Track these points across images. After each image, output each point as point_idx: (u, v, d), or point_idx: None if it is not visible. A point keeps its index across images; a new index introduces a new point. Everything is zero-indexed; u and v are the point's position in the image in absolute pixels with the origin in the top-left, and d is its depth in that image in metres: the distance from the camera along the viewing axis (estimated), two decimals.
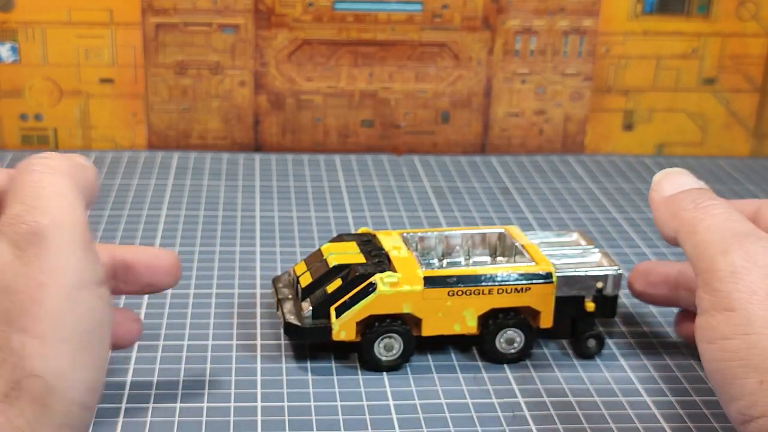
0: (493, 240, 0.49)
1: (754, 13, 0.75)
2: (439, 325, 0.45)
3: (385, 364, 0.45)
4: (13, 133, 0.74)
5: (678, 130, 0.78)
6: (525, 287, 0.45)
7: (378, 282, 0.44)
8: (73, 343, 0.31)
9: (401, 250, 0.47)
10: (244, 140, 0.75)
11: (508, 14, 0.74)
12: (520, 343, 0.46)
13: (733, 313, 0.35)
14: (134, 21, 0.72)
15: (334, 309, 0.44)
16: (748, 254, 0.36)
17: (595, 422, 0.42)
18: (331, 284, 0.45)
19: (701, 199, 0.40)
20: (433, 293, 0.44)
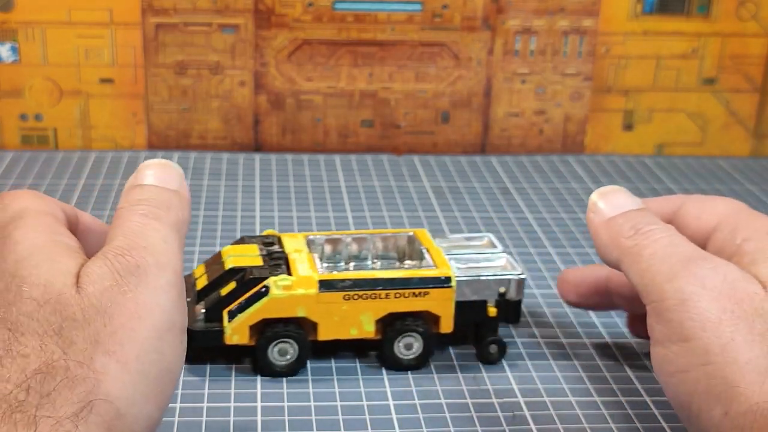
0: (402, 243, 0.48)
1: (754, 13, 0.75)
2: (336, 329, 0.44)
3: (279, 368, 0.44)
4: (13, 133, 0.74)
5: (678, 130, 0.78)
6: (423, 291, 0.44)
7: (271, 285, 0.43)
8: (150, 379, 0.32)
9: (302, 253, 0.46)
10: (244, 140, 0.75)
11: (508, 14, 0.74)
12: (419, 348, 0.45)
13: (688, 343, 0.35)
14: (134, 21, 0.72)
15: (226, 312, 0.43)
16: (696, 278, 0.35)
17: (595, 422, 0.42)
18: (226, 287, 0.44)
19: (641, 223, 0.39)
20: (328, 297, 0.43)
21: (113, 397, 0.30)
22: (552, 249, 0.59)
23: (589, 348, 0.48)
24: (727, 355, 0.34)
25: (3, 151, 0.73)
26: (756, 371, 0.33)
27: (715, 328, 0.34)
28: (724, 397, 0.33)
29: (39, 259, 0.33)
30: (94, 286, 0.32)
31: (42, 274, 0.32)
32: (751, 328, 0.34)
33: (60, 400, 0.29)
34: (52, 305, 0.32)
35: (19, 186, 0.66)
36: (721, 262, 0.36)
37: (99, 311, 0.32)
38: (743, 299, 0.35)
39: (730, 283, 0.35)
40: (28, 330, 0.31)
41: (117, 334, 0.31)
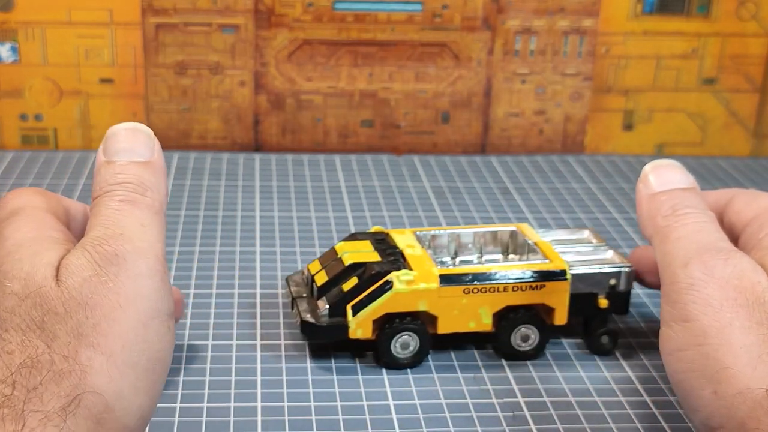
0: (505, 238, 0.50)
1: (754, 13, 0.75)
2: (455, 322, 0.45)
3: (402, 361, 0.45)
4: (13, 133, 0.74)
5: (678, 130, 0.78)
6: (539, 284, 0.45)
7: (394, 280, 0.44)
8: (138, 369, 0.31)
9: (415, 249, 0.47)
10: (244, 140, 0.75)
11: (508, 14, 0.74)
12: (534, 340, 0.46)
13: (688, 323, 0.36)
14: (134, 21, 0.72)
15: (350, 307, 0.44)
16: (706, 267, 0.37)
17: (595, 422, 0.42)
18: (347, 282, 0.45)
19: (681, 204, 0.40)
20: (449, 291, 0.44)
21: (101, 389, 0.30)
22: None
23: None
24: (723, 338, 0.35)
25: (3, 151, 0.73)
26: (749, 356, 0.34)
27: (716, 313, 0.35)
28: (716, 377, 0.34)
29: (22, 253, 0.33)
30: (74, 277, 0.32)
31: (24, 268, 0.32)
32: (750, 316, 0.35)
33: (47, 395, 0.29)
34: (33, 299, 0.31)
35: (19, 186, 0.66)
36: (735, 254, 0.37)
37: (80, 303, 0.31)
38: (747, 288, 0.36)
39: (738, 273, 0.36)
40: (11, 326, 0.31)
41: (100, 326, 0.31)
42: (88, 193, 0.65)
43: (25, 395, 0.29)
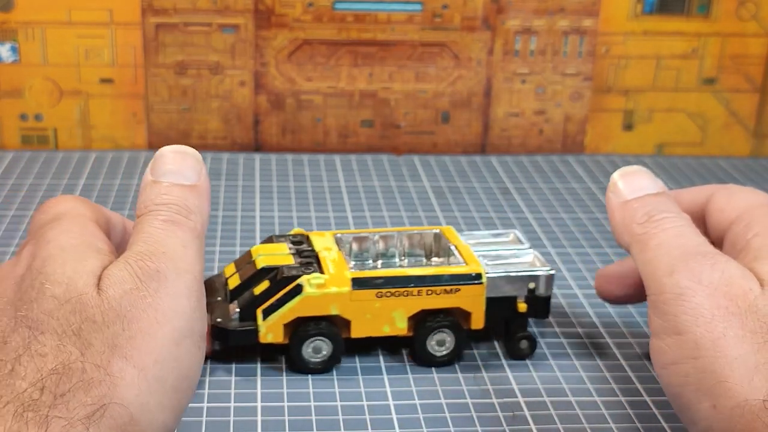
0: (428, 241, 0.49)
1: (754, 13, 0.75)
2: (368, 326, 0.44)
3: (313, 366, 0.44)
4: (13, 133, 0.74)
5: (678, 130, 0.78)
6: (454, 288, 0.44)
7: (305, 283, 0.43)
8: (167, 385, 0.32)
9: (332, 251, 0.46)
10: (244, 140, 0.75)
11: (508, 14, 0.74)
12: (450, 344, 0.45)
13: (680, 336, 0.35)
14: (134, 21, 0.72)
15: (260, 311, 0.43)
16: (693, 274, 0.36)
17: (595, 422, 0.42)
18: (259, 286, 0.44)
19: (655, 210, 0.39)
20: (361, 295, 0.44)
21: (128, 402, 0.30)
22: (552, 249, 0.59)
23: (588, 348, 0.48)
24: (718, 351, 0.34)
25: (3, 151, 0.73)
26: (745, 367, 0.33)
27: (708, 324, 0.35)
28: (713, 391, 0.34)
29: (65, 258, 0.33)
30: (115, 289, 0.32)
31: (66, 273, 0.32)
32: (743, 325, 0.34)
33: (74, 402, 0.29)
34: (72, 305, 0.31)
35: (19, 186, 0.66)
36: (721, 259, 0.37)
37: (118, 315, 0.31)
38: (738, 296, 0.35)
39: (727, 280, 0.36)
40: (47, 329, 0.31)
41: (135, 339, 0.31)
42: (88, 193, 0.65)
43: (52, 401, 0.29)
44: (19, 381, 0.30)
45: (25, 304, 0.32)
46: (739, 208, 0.41)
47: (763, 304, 0.35)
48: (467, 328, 0.45)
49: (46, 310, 0.31)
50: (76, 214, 0.36)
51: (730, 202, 0.41)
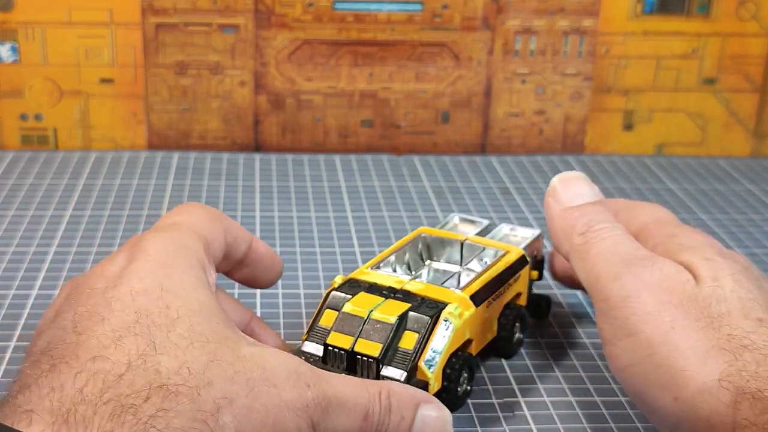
0: (419, 245, 0.47)
1: (754, 13, 0.75)
2: (481, 339, 0.43)
3: (462, 398, 0.42)
4: (13, 133, 0.74)
5: (678, 130, 0.78)
6: (519, 275, 0.45)
7: (450, 318, 0.40)
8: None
9: (407, 282, 0.42)
10: (244, 140, 0.75)
11: (508, 14, 0.74)
12: (519, 327, 0.46)
13: (633, 338, 0.36)
14: (134, 21, 0.72)
15: (423, 363, 0.39)
16: (635, 276, 0.37)
17: (595, 422, 0.42)
18: (404, 340, 0.39)
19: (594, 220, 0.41)
20: (480, 310, 0.42)
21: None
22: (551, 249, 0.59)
23: (589, 348, 0.48)
24: (669, 344, 0.35)
25: (3, 151, 0.73)
26: (697, 354, 0.35)
27: (655, 320, 0.36)
28: (672, 383, 0.35)
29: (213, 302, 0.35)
30: (258, 354, 0.33)
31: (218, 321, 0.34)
32: (687, 315, 0.36)
33: (175, 422, 0.30)
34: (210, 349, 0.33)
35: (19, 186, 0.66)
36: (658, 259, 0.38)
37: (248, 380, 0.32)
38: (676, 289, 0.37)
39: (666, 276, 0.37)
40: (169, 352, 0.32)
41: (251, 410, 0.31)
42: (88, 194, 0.65)
43: (154, 412, 0.30)
44: (125, 386, 0.30)
45: (150, 327, 0.33)
46: (638, 224, 0.43)
47: (699, 290, 0.36)
48: None
49: (176, 340, 0.32)
50: (185, 229, 0.38)
51: (632, 219, 0.43)
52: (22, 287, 0.52)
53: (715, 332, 0.35)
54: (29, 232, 0.59)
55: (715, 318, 0.35)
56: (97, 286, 0.35)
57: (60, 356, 0.31)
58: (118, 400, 0.30)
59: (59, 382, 0.30)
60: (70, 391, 0.30)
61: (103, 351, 0.31)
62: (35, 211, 0.62)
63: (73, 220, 0.61)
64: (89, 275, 0.36)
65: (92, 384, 0.30)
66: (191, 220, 0.39)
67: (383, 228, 0.61)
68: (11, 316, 0.49)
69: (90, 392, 0.30)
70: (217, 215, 0.41)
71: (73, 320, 0.33)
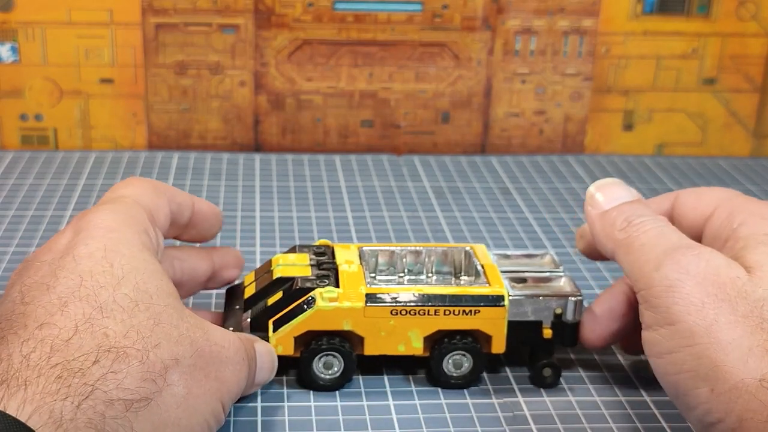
0: (458, 258, 0.47)
1: (754, 13, 0.75)
2: (383, 344, 0.43)
3: (323, 382, 0.43)
4: (13, 133, 0.74)
5: (678, 130, 0.78)
6: (474, 309, 0.42)
7: (317, 296, 0.42)
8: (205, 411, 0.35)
9: (352, 265, 0.44)
10: (244, 140, 0.75)
11: (508, 14, 0.74)
12: (468, 367, 0.43)
13: (674, 326, 0.36)
14: (134, 21, 0.72)
15: (272, 322, 0.42)
16: (680, 266, 0.37)
17: (595, 422, 0.42)
18: (273, 297, 0.43)
19: (633, 215, 0.41)
20: (375, 311, 0.42)
21: (167, 408, 0.32)
22: (552, 249, 0.59)
23: None
24: (712, 336, 0.35)
25: (3, 151, 0.73)
26: (739, 350, 0.34)
27: (699, 311, 0.36)
28: (710, 375, 0.35)
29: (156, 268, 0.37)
30: (199, 323, 0.36)
31: (162, 281, 0.36)
32: (734, 310, 0.35)
33: (124, 383, 0.31)
34: (152, 311, 0.34)
35: (19, 186, 0.66)
36: (705, 250, 0.38)
37: (192, 341, 0.35)
38: (726, 283, 0.36)
39: (714, 269, 0.37)
40: (115, 316, 0.33)
41: (195, 368, 0.34)
42: (88, 193, 0.65)
43: (102, 374, 0.31)
44: (73, 350, 0.31)
45: (93, 290, 0.34)
46: (713, 202, 0.42)
47: (752, 289, 0.36)
48: (487, 352, 0.43)
49: (122, 302, 0.33)
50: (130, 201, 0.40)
51: (702, 200, 0.43)
52: None
53: (764, 333, 0.34)
54: (29, 232, 0.59)
55: (767, 320, 0.35)
56: (44, 259, 0.36)
57: (8, 327, 0.32)
58: (66, 364, 0.30)
59: (7, 353, 0.31)
60: (16, 358, 0.31)
61: (50, 318, 0.32)
62: (35, 211, 0.62)
63: None
64: (38, 251, 0.38)
65: (39, 350, 0.31)
66: (135, 192, 0.41)
67: (383, 228, 0.61)
68: None
69: (36, 358, 0.31)
70: (159, 186, 0.42)
71: (20, 292, 0.34)
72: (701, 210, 0.42)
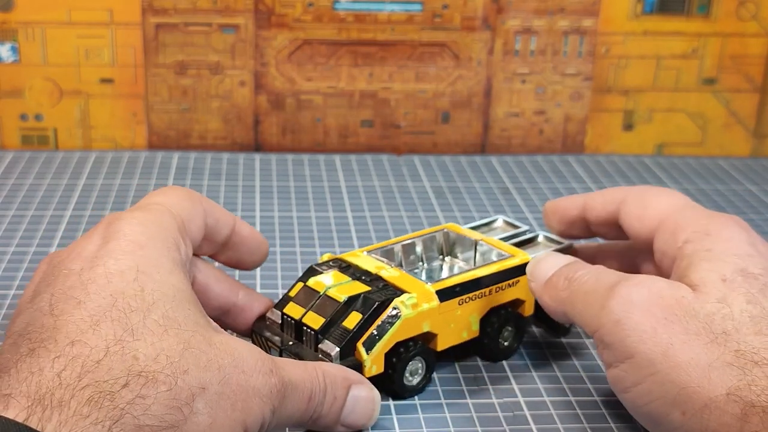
0: (440, 240, 0.49)
1: (754, 13, 0.75)
2: (452, 336, 0.44)
3: (413, 388, 0.43)
4: (13, 133, 0.74)
5: (678, 130, 0.78)
6: (515, 281, 0.45)
7: (401, 306, 0.41)
8: None
9: (387, 269, 0.44)
10: (244, 140, 0.75)
11: (508, 14, 0.74)
12: (511, 334, 0.46)
13: (632, 359, 0.36)
14: (134, 21, 0.72)
15: (361, 344, 0.41)
16: (624, 299, 0.37)
17: (595, 422, 0.42)
18: (348, 319, 0.41)
19: (571, 272, 0.41)
20: (447, 306, 0.43)
21: None
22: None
23: (589, 348, 0.48)
24: (670, 360, 0.35)
25: (3, 151, 0.73)
26: (699, 368, 0.35)
27: (652, 338, 0.36)
28: (678, 399, 0.35)
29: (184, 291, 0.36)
30: (229, 344, 0.34)
31: (191, 312, 0.35)
32: (686, 329, 0.36)
33: (152, 409, 0.30)
34: (184, 338, 0.33)
35: (19, 186, 0.66)
36: (644, 278, 0.38)
37: (220, 368, 0.33)
38: (672, 305, 0.36)
39: (657, 293, 0.37)
40: (146, 338, 0.32)
41: (222, 397, 0.33)
42: (88, 193, 0.65)
43: (131, 398, 0.30)
44: (102, 371, 0.30)
45: (122, 312, 0.33)
46: (657, 215, 0.42)
47: (700, 306, 0.36)
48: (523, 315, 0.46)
49: (152, 327, 0.33)
50: (161, 211, 0.39)
51: (647, 212, 0.43)
52: (22, 287, 0.52)
53: (720, 347, 0.35)
54: (29, 232, 0.59)
55: (720, 334, 0.35)
56: (73, 267, 0.35)
57: (39, 340, 0.32)
58: (96, 385, 0.30)
59: (38, 366, 0.31)
60: (48, 374, 0.30)
61: (81, 336, 0.32)
62: (35, 211, 0.62)
63: (73, 220, 0.61)
64: (65, 255, 0.37)
65: (70, 369, 0.30)
66: (169, 201, 0.40)
67: (383, 228, 0.61)
68: (12, 316, 0.49)
69: (68, 377, 0.30)
70: (196, 196, 0.42)
71: (50, 302, 0.34)
72: (647, 223, 0.43)
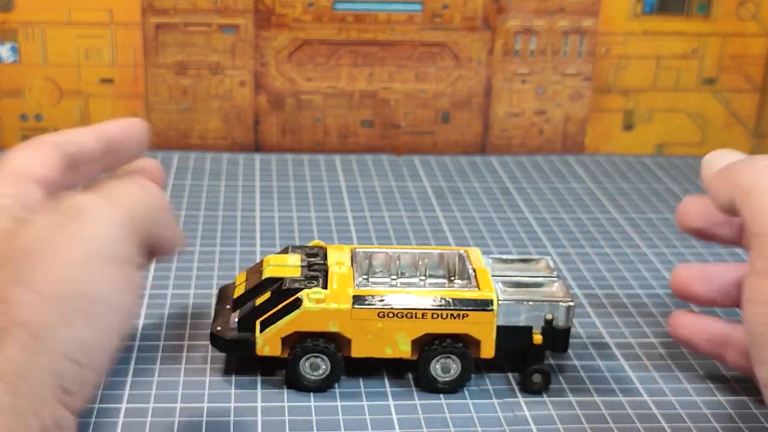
0: (452, 261, 0.46)
1: (754, 13, 0.75)
2: (370, 347, 0.43)
3: (309, 383, 0.43)
4: (13, 133, 0.74)
5: (678, 130, 0.78)
6: (462, 313, 0.42)
7: (304, 297, 0.42)
8: (70, 305, 0.32)
9: (343, 266, 0.44)
10: (244, 140, 0.75)
11: (508, 14, 0.74)
12: (456, 371, 0.43)
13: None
14: (134, 21, 0.72)
15: (259, 322, 0.42)
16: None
17: (595, 422, 0.42)
18: (261, 297, 0.43)
19: (757, 159, 0.38)
20: (362, 313, 0.42)
21: (26, 321, 0.31)
22: (552, 249, 0.59)
23: (588, 348, 0.48)
24: None
25: (3, 152, 0.73)
26: None
27: None
28: None
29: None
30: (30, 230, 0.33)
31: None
32: None
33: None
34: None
35: None
36: None
37: (22, 251, 0.33)
38: None
39: None
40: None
41: (34, 267, 0.32)
42: None
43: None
44: None
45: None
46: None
47: None
48: (476, 357, 0.43)
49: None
50: None
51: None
52: None
53: None
54: None
55: None
56: None
57: None
58: None
59: None
60: None
61: None
62: None
63: None
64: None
65: None
66: None
67: (383, 228, 0.61)
68: None
69: None
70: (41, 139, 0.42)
71: None
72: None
